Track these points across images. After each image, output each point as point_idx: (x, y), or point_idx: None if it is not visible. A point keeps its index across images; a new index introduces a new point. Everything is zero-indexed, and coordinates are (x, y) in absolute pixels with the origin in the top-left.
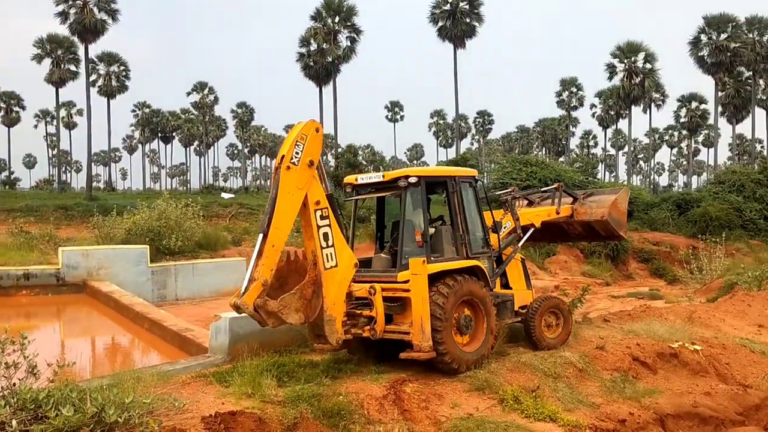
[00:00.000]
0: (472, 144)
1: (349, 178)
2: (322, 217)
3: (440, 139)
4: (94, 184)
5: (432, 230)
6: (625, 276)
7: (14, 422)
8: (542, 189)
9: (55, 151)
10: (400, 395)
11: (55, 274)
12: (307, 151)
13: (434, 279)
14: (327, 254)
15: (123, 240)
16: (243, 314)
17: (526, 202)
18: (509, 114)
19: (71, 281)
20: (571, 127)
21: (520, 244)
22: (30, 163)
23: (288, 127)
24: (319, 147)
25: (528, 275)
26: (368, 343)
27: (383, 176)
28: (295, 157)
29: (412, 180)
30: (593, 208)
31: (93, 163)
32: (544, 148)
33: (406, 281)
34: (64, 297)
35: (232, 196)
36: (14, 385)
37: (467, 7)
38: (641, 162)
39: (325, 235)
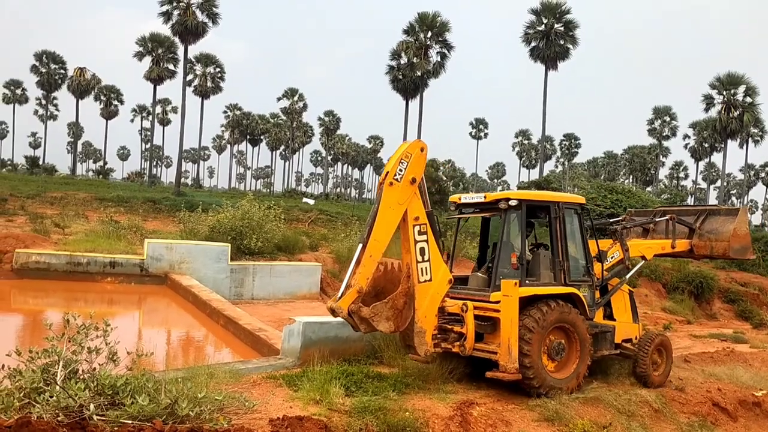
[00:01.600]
0: (556, 167)
1: (453, 197)
2: (420, 233)
3: (524, 159)
4: (183, 180)
5: (530, 254)
6: (708, 315)
7: (92, 406)
8: (655, 218)
9: (148, 146)
10: (467, 417)
11: (140, 264)
12: (410, 169)
13: (528, 303)
14: (422, 268)
15: (206, 237)
16: (318, 319)
17: (639, 230)
18: (597, 139)
19: (154, 272)
20: (661, 156)
21: (628, 276)
22: (124, 155)
23: (373, 138)
24: (422, 166)
25: (635, 308)
26: (458, 357)
27: (485, 197)
28: (399, 174)
29: (513, 203)
30: (712, 242)
31: (183, 160)
32: (631, 177)
33: (498, 302)
34: (146, 287)
35: (313, 201)
36: (95, 369)
37: (562, 29)
38: (734, 198)
39: (422, 249)
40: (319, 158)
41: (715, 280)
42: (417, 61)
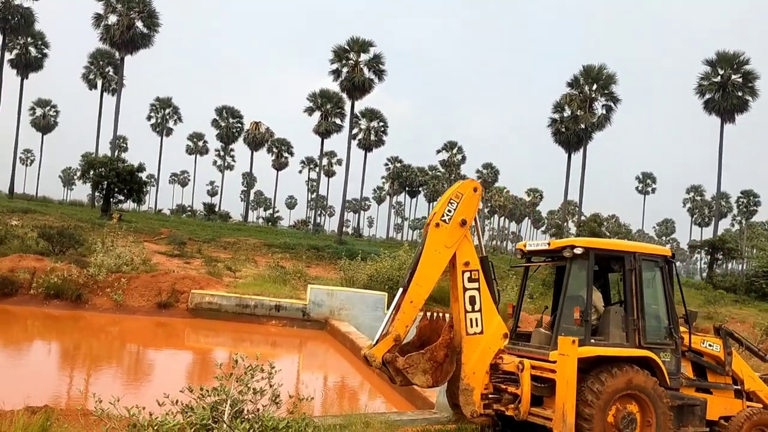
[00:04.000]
0: (732, 225)
1: (520, 244)
2: (471, 280)
3: (695, 216)
4: (344, 229)
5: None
6: None
7: None
8: (761, 354)
9: (313, 195)
10: None
11: (302, 308)
12: (460, 209)
13: (595, 365)
14: (472, 319)
15: (364, 284)
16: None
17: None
18: None
19: (315, 317)
20: None
21: (729, 387)
22: (291, 204)
23: (531, 191)
24: (474, 207)
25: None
26: (516, 422)
27: (549, 244)
28: (447, 215)
29: (578, 251)
30: None
31: (345, 210)
32: None
33: (555, 361)
34: (307, 331)
35: None
36: (258, 410)
37: (740, 80)
38: None
39: (472, 298)
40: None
41: None
42: (581, 113)
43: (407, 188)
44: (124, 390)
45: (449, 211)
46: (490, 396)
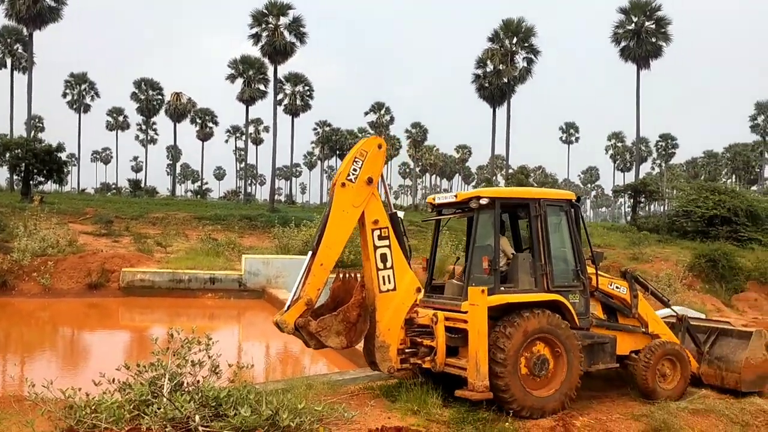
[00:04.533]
0: (653, 169)
1: (430, 198)
2: (381, 238)
3: (618, 162)
4: (276, 196)
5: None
6: None
7: (197, 418)
8: (665, 299)
9: (242, 165)
10: (569, 428)
11: (238, 279)
12: (366, 167)
13: (504, 312)
14: (384, 276)
15: (300, 251)
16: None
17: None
18: (695, 138)
19: (251, 287)
20: (766, 153)
21: (636, 329)
22: (220, 174)
23: (460, 147)
24: (380, 164)
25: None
26: (435, 374)
27: (456, 196)
28: (352, 174)
29: (484, 201)
30: (723, 371)
31: (276, 177)
32: (733, 176)
33: (467, 312)
34: (245, 302)
35: (402, 213)
36: (198, 382)
37: (653, 26)
38: None
39: (383, 256)
40: (408, 170)
41: None
42: (503, 68)
43: (338, 152)
44: (60, 374)
45: (355, 170)
46: (406, 350)
